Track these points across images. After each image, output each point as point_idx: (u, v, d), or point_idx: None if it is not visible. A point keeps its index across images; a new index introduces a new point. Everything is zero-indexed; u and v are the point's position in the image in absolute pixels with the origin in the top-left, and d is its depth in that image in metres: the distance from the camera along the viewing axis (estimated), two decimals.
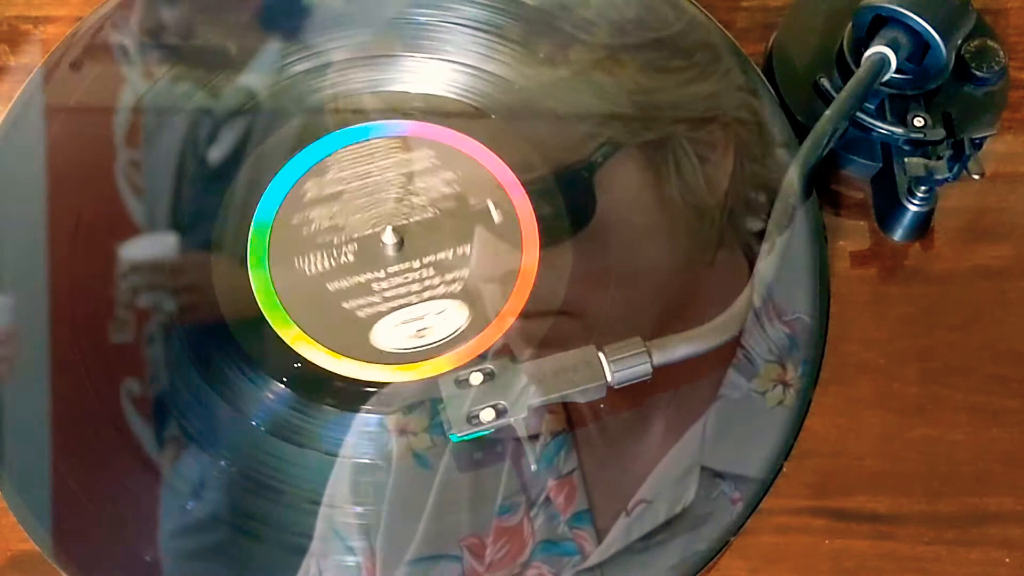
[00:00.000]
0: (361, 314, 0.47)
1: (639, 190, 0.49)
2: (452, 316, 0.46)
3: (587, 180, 0.49)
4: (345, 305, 0.47)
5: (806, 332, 0.46)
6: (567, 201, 0.49)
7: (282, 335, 0.46)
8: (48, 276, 0.47)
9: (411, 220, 0.48)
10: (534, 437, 0.44)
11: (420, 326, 0.46)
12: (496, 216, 0.48)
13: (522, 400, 0.42)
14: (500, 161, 0.49)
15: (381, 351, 0.46)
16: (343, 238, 0.48)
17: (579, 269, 0.48)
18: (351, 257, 0.48)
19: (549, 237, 0.48)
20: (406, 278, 0.47)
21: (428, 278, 0.47)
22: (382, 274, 0.47)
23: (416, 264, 0.47)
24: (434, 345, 0.46)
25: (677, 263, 0.48)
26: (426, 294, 0.47)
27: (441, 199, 0.49)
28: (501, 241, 0.48)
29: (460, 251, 0.47)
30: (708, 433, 0.44)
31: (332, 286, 0.47)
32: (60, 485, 0.44)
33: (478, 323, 0.46)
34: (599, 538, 0.43)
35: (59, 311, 0.47)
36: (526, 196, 0.49)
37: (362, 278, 0.47)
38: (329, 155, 0.50)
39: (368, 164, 0.50)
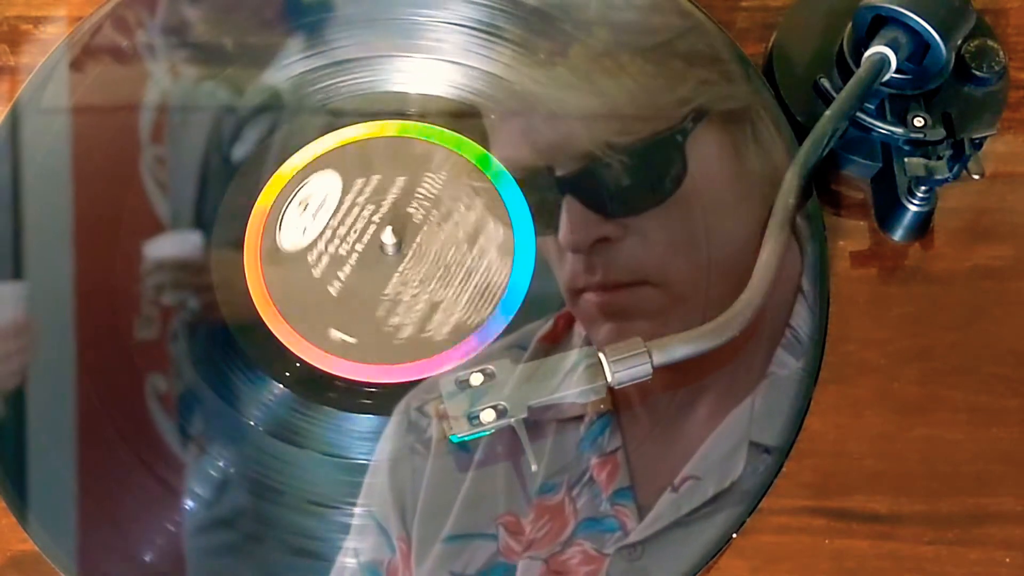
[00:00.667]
0: (323, 177, 0.49)
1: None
2: (305, 230, 0.48)
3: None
4: (334, 172, 0.49)
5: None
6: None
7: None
8: (53, 274, 0.47)
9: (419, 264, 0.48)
10: (580, 416, 0.44)
11: (311, 208, 0.48)
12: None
13: (522, 400, 0.42)
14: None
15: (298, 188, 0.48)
16: (408, 190, 0.49)
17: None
18: (395, 192, 0.49)
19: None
20: (360, 218, 0.48)
21: (355, 242, 0.48)
22: (371, 211, 0.49)
23: (369, 217, 0.48)
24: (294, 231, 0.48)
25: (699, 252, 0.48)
26: (342, 230, 0.48)
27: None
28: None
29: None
30: (757, 410, 0.45)
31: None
32: (59, 484, 0.44)
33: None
34: (640, 515, 0.43)
35: (57, 307, 0.47)
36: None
37: (367, 190, 0.49)
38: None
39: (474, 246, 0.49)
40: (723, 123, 0.50)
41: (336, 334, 0.46)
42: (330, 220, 0.48)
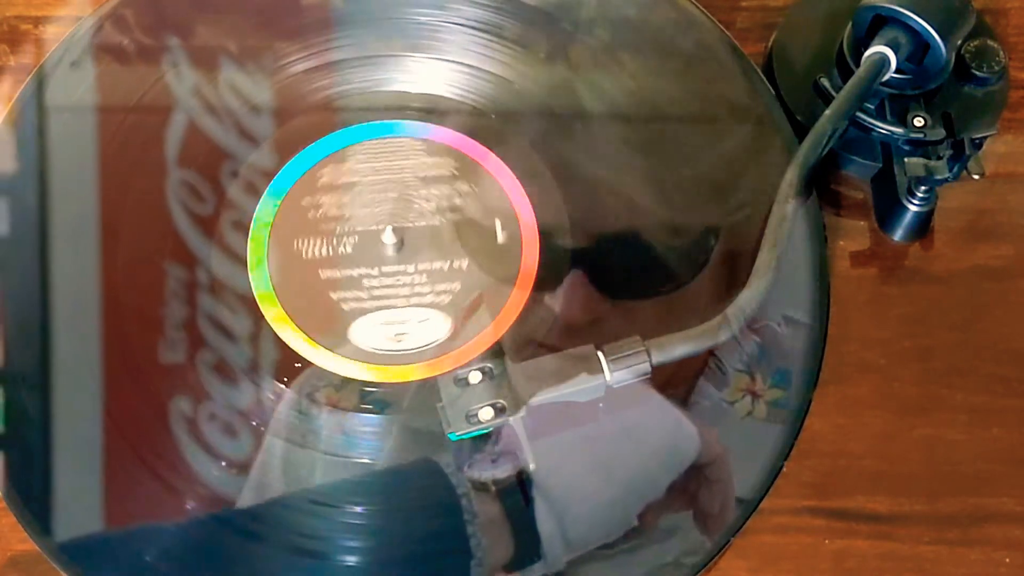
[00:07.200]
0: (346, 307, 0.47)
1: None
2: (433, 326, 0.46)
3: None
4: (332, 295, 0.47)
5: (775, 339, 0.46)
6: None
7: (265, 312, 0.46)
8: (53, 274, 0.47)
9: (415, 224, 0.48)
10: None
11: (400, 330, 0.46)
12: (501, 236, 0.47)
13: (521, 399, 0.42)
14: (516, 182, 0.49)
15: (356, 347, 0.46)
16: (346, 229, 0.48)
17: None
18: (349, 249, 0.48)
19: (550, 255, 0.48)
20: (397, 280, 0.47)
21: (419, 284, 0.47)
22: (375, 272, 0.47)
23: (410, 268, 0.47)
24: (408, 352, 0.46)
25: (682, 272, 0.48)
26: (413, 300, 0.47)
27: (449, 209, 0.48)
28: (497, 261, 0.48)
29: (456, 264, 0.47)
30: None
31: (324, 274, 0.47)
32: (59, 483, 0.44)
33: (459, 335, 0.46)
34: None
35: (59, 307, 0.47)
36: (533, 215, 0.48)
37: (355, 272, 0.47)
38: (348, 146, 0.50)
39: (388, 161, 0.49)
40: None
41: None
42: (405, 310, 0.47)
